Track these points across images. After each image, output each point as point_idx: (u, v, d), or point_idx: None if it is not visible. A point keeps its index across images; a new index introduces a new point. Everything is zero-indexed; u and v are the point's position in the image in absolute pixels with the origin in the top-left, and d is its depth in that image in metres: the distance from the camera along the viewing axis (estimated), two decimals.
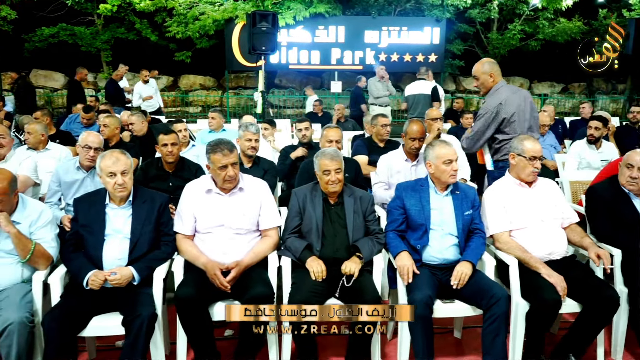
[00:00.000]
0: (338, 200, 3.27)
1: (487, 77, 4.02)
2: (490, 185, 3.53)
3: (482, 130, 3.89)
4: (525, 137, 3.29)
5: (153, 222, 3.02)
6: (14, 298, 2.74)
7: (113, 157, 2.94)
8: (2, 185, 2.77)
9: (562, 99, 16.22)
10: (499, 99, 3.84)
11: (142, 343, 2.68)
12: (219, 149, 3.03)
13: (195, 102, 15.80)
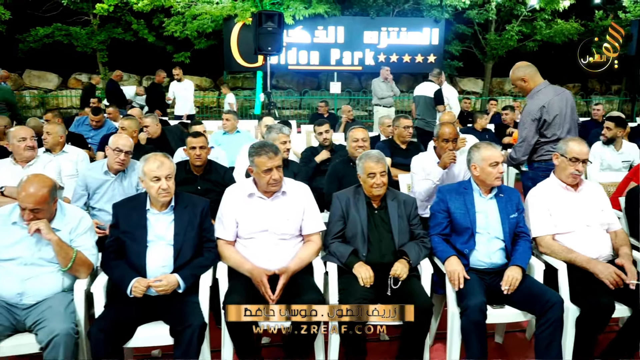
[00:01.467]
0: (381, 204, 3.20)
1: (521, 83, 3.99)
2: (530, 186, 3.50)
3: (531, 135, 3.81)
4: (572, 139, 3.25)
5: (196, 227, 2.93)
6: (58, 308, 2.63)
7: (157, 160, 2.85)
8: (42, 192, 2.67)
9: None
10: (541, 102, 3.78)
11: (194, 353, 2.60)
12: (263, 152, 2.95)
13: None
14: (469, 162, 3.24)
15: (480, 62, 15.35)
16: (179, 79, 9.45)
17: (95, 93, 10.48)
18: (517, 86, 4.01)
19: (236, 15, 12.87)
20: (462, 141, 4.63)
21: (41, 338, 2.53)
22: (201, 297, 2.83)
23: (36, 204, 2.64)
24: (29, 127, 6.17)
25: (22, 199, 2.62)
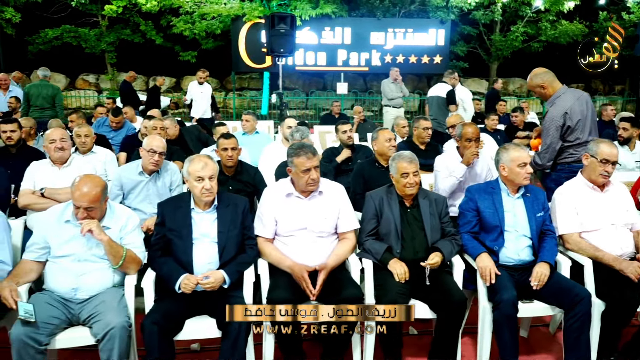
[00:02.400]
0: (413, 203, 3.33)
1: (540, 90, 4.09)
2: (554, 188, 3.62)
3: (555, 141, 3.91)
4: (602, 141, 3.36)
5: (238, 225, 3.06)
6: (112, 302, 2.75)
7: (202, 161, 2.97)
8: (96, 191, 2.79)
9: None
10: (564, 108, 3.88)
11: (242, 346, 2.73)
12: (302, 152, 3.07)
13: None
14: (497, 163, 3.36)
15: (485, 63, 15.47)
16: (201, 81, 9.25)
17: (160, 94, 10.64)
18: (536, 93, 4.12)
19: (244, 15, 12.97)
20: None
21: (97, 331, 2.64)
22: (245, 292, 2.95)
23: (90, 203, 2.76)
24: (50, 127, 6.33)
25: (76, 198, 2.74)
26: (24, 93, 8.28)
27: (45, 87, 8.32)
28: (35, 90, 8.22)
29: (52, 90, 8.39)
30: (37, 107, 8.11)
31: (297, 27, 12.73)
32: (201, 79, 9.07)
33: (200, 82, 9.08)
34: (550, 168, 4.04)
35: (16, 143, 4.75)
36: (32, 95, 8.16)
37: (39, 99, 8.14)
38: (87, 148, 4.68)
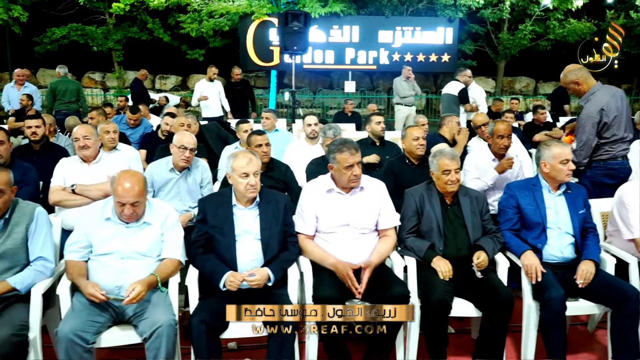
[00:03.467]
0: (454, 200, 3.29)
1: (575, 86, 4.05)
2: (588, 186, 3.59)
3: (592, 138, 3.86)
4: None
5: (280, 222, 3.01)
6: (157, 300, 2.72)
7: (246, 157, 2.92)
8: (140, 186, 2.75)
9: None
10: (600, 104, 3.83)
11: (291, 345, 2.68)
12: (345, 148, 3.03)
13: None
14: (538, 159, 3.32)
15: (492, 62, 15.44)
16: (212, 79, 8.78)
17: (144, 88, 10.57)
18: (570, 89, 4.06)
19: (252, 13, 12.92)
20: None
21: (143, 329, 2.60)
22: (290, 290, 2.91)
23: (135, 198, 2.71)
24: (68, 124, 6.29)
25: (120, 194, 2.69)
26: (51, 89, 8.60)
27: (70, 83, 8.83)
28: (62, 86, 8.63)
29: (76, 85, 8.90)
30: (65, 102, 8.57)
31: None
32: (213, 75, 8.74)
33: (211, 79, 8.78)
34: (584, 165, 4.00)
35: (40, 139, 4.70)
36: (59, 90, 8.56)
37: (67, 94, 8.59)
38: (115, 145, 4.63)
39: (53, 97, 8.52)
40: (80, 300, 2.68)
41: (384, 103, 15.35)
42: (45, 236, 2.82)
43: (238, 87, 9.20)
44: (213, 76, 8.69)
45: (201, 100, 8.55)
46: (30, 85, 8.84)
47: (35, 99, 8.49)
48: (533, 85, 16.99)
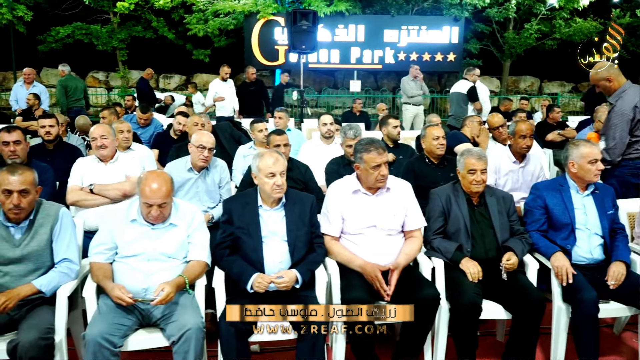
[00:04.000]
0: (480, 201, 3.24)
1: (605, 83, 3.99)
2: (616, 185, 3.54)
3: (625, 135, 3.81)
4: None
5: (307, 223, 2.96)
6: (185, 303, 2.67)
7: (273, 157, 2.87)
8: (167, 187, 2.70)
9: (572, 98, 16.39)
10: (633, 102, 3.78)
11: (321, 347, 2.63)
12: (373, 148, 2.98)
13: None
14: (566, 159, 3.27)
15: (497, 61, 15.39)
16: (225, 78, 8.57)
17: (150, 87, 10.56)
18: (600, 86, 4.00)
19: (258, 12, 12.88)
20: None
21: (172, 332, 2.55)
22: (318, 292, 2.86)
23: (163, 199, 2.66)
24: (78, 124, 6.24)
25: (148, 195, 2.64)
26: (62, 86, 8.77)
27: (77, 80, 9.26)
28: (72, 83, 8.99)
29: (82, 83, 9.43)
30: (75, 99, 8.93)
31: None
32: (226, 74, 8.61)
33: (224, 79, 8.61)
34: (616, 164, 3.93)
35: (54, 139, 4.65)
36: (70, 88, 8.88)
37: (77, 91, 8.96)
38: (129, 144, 4.58)
39: (65, 95, 8.71)
40: (106, 302, 2.63)
41: (388, 102, 15.29)
42: (70, 237, 2.77)
43: (252, 87, 9.05)
44: (225, 76, 8.53)
45: (218, 100, 8.39)
46: (39, 84, 8.80)
47: (44, 98, 8.43)
48: (538, 85, 16.95)
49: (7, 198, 2.58)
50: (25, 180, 2.60)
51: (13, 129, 3.77)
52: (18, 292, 2.54)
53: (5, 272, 2.64)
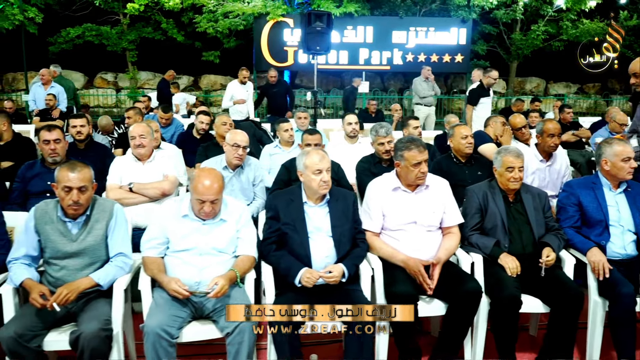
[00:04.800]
0: (516, 197, 3.32)
1: None
2: None
3: None
4: None
5: (350, 219, 3.04)
6: (237, 296, 2.75)
7: (319, 154, 2.95)
8: (219, 184, 2.78)
9: (578, 99, 16.50)
10: None
11: (369, 338, 2.71)
12: (414, 146, 3.06)
13: (216, 102, 15.74)
14: (599, 157, 3.35)
15: (504, 62, 15.48)
16: (245, 81, 8.46)
17: (169, 88, 10.59)
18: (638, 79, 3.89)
19: (268, 14, 12.97)
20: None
21: (225, 324, 2.62)
22: (363, 285, 2.94)
23: (216, 196, 2.75)
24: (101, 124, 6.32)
25: (201, 192, 2.71)
26: (68, 86, 9.06)
27: (68, 81, 9.53)
28: (66, 84, 9.35)
29: (72, 83, 9.84)
30: (69, 99, 9.17)
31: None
32: (245, 78, 8.46)
33: (243, 82, 8.46)
34: None
35: (85, 138, 4.72)
36: (66, 88, 9.16)
37: (68, 91, 9.20)
38: (158, 143, 4.65)
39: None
40: (162, 295, 2.71)
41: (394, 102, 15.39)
42: (124, 232, 2.86)
43: (275, 89, 9.04)
44: (244, 79, 8.44)
45: (238, 103, 8.22)
46: (57, 85, 8.85)
47: (61, 99, 8.50)
48: (543, 86, 17.06)
49: (66, 194, 2.66)
50: (84, 177, 2.68)
51: (53, 127, 3.84)
52: (78, 285, 2.62)
53: (62, 266, 2.72)
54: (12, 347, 2.46)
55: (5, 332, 2.46)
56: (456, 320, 2.92)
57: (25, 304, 2.69)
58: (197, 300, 2.76)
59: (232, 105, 8.29)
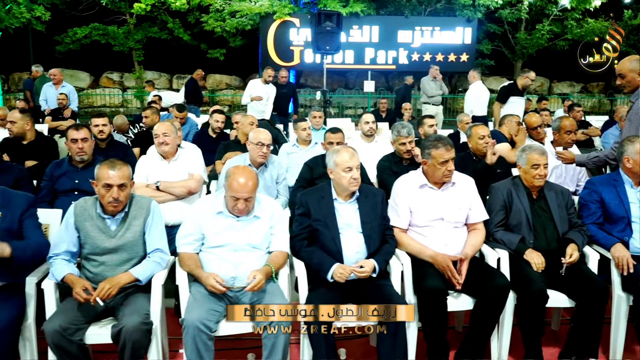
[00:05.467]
0: (540, 194, 3.38)
1: (634, 76, 4.02)
2: None
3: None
4: None
5: (379, 216, 3.10)
6: (273, 290, 2.82)
7: (349, 152, 3.01)
8: (254, 181, 2.84)
9: (582, 98, 16.55)
10: None
11: (403, 331, 2.77)
12: (441, 144, 3.12)
13: (222, 102, 15.80)
14: (621, 155, 3.41)
15: (508, 61, 15.54)
16: (269, 81, 8.27)
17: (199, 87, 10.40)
18: (627, 79, 3.86)
19: (274, 13, 13.04)
20: None
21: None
22: (394, 280, 3.00)
23: (250, 193, 2.81)
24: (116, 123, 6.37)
25: (236, 189, 2.77)
26: (36, 87, 9.09)
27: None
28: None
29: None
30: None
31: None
32: (270, 77, 8.27)
33: (266, 82, 8.28)
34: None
35: (107, 137, 4.79)
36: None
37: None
38: (179, 142, 4.70)
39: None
40: (199, 290, 2.77)
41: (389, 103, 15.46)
42: (161, 229, 2.92)
43: (284, 89, 8.87)
44: (269, 78, 8.28)
45: (255, 100, 8.06)
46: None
47: (72, 98, 8.56)
48: (547, 85, 17.12)
49: (107, 192, 2.72)
50: (124, 174, 2.75)
51: (81, 126, 3.90)
52: (119, 280, 2.68)
53: (101, 262, 2.79)
54: (56, 340, 2.52)
55: (50, 326, 2.52)
56: (484, 315, 2.98)
57: (66, 299, 2.74)
58: (233, 295, 2.83)
59: (251, 102, 8.13)
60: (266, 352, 2.69)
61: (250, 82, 8.43)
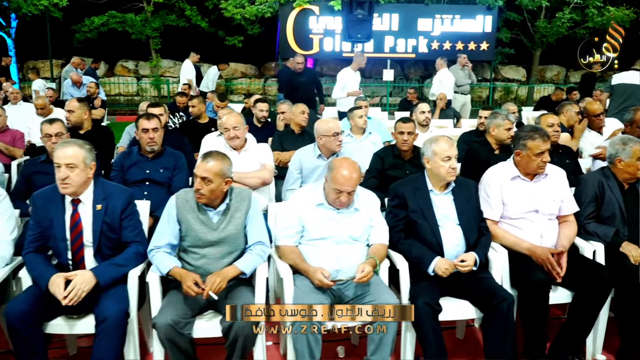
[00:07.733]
0: (631, 186, 3.32)
1: None
2: None
3: None
4: None
5: (474, 208, 3.05)
6: (377, 283, 2.77)
7: (448, 142, 2.96)
8: (357, 175, 2.78)
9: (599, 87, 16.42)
10: None
11: (511, 325, 2.73)
12: (538, 135, 3.06)
13: (237, 90, 15.70)
14: None
15: (527, 50, 15.41)
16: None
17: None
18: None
19: (294, 1, 12.92)
20: None
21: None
22: (494, 273, 2.95)
23: (353, 187, 2.75)
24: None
25: (341, 182, 2.71)
26: None
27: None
28: None
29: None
30: None
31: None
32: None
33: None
34: None
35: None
36: None
37: None
38: None
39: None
40: (303, 283, 2.72)
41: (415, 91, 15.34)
42: (262, 221, 2.86)
43: (302, 78, 7.95)
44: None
45: (351, 95, 7.36)
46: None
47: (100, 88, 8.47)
48: (563, 74, 17.01)
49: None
50: (211, 169, 2.67)
51: (152, 116, 3.82)
52: (226, 273, 2.63)
53: (203, 255, 2.73)
54: (168, 334, 2.47)
55: (162, 320, 2.47)
56: (585, 308, 2.92)
57: (170, 292, 2.69)
58: (336, 288, 2.77)
59: (345, 97, 7.36)
60: (372, 346, 2.64)
61: (341, 73, 7.60)
